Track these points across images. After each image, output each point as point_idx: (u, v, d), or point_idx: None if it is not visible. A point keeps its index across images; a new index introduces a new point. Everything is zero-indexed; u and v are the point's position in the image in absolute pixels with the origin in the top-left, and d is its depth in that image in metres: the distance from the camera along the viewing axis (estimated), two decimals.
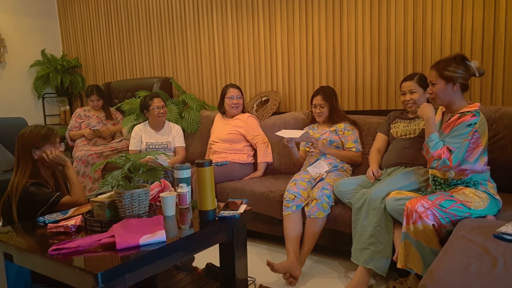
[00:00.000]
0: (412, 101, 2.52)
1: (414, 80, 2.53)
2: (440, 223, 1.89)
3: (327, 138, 2.83)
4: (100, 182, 1.76)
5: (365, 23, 3.16)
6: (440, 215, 1.88)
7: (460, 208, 1.92)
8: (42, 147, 2.08)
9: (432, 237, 1.87)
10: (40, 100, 5.26)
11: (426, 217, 1.87)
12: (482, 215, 1.96)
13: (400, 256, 1.95)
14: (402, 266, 1.95)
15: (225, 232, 1.84)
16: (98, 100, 4.09)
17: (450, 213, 1.90)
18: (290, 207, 2.48)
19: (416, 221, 1.88)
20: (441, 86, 2.08)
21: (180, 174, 1.92)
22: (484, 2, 2.69)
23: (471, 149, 2.00)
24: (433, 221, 1.87)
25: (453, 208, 1.91)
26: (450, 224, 1.90)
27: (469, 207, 1.93)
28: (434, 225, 1.87)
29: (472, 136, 1.98)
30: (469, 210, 1.93)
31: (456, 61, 2.07)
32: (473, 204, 1.95)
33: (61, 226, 1.69)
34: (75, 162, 3.82)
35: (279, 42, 3.61)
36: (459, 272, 1.29)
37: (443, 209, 1.90)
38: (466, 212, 1.92)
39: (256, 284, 2.31)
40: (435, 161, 2.00)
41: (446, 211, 1.89)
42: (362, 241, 2.17)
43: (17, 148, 2.07)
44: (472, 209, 1.93)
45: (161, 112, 3.40)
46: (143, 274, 1.49)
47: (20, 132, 2.10)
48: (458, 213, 1.91)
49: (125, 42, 4.78)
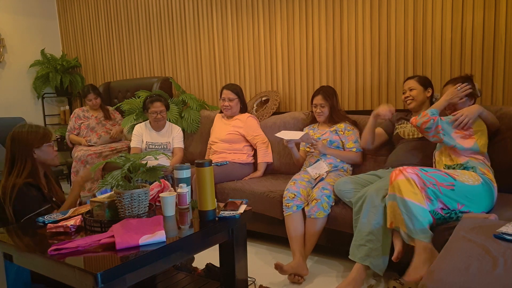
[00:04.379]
0: (411, 98, 2.60)
1: (414, 79, 2.62)
2: (421, 180, 1.97)
3: (327, 138, 2.83)
4: (100, 182, 1.75)
5: (365, 23, 3.15)
6: (422, 173, 2.00)
7: (444, 176, 2.02)
8: (41, 147, 2.08)
9: (416, 190, 1.96)
10: (40, 100, 5.25)
11: (406, 172, 1.99)
12: (468, 192, 2.01)
13: (389, 216, 2.04)
14: (390, 226, 2.04)
15: (225, 232, 1.84)
16: (95, 99, 4.08)
17: (432, 177, 2.00)
18: (290, 207, 2.47)
19: (397, 176, 2.00)
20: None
21: (180, 174, 1.91)
22: (484, 3, 2.69)
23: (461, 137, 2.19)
24: (414, 174, 1.97)
25: (436, 174, 2.03)
26: (434, 186, 1.97)
27: (454, 178, 2.02)
28: (415, 180, 1.95)
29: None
30: (454, 180, 2.01)
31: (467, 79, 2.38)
32: (460, 177, 2.03)
33: (61, 226, 1.69)
34: (74, 162, 3.82)
35: (279, 42, 3.60)
36: (460, 272, 1.29)
37: (425, 172, 2.02)
38: (449, 181, 2.00)
39: (256, 284, 2.31)
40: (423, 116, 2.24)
41: (427, 174, 2.01)
42: (360, 237, 2.17)
43: (14, 148, 2.04)
44: (457, 180, 2.01)
45: (158, 118, 3.38)
46: (143, 274, 1.49)
47: (14, 131, 2.05)
48: (440, 179, 2.00)
49: (125, 41, 4.78)
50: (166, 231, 1.58)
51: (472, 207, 2.02)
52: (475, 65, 2.77)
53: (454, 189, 1.99)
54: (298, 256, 2.36)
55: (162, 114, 3.40)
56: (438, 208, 2.01)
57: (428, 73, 2.88)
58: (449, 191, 1.99)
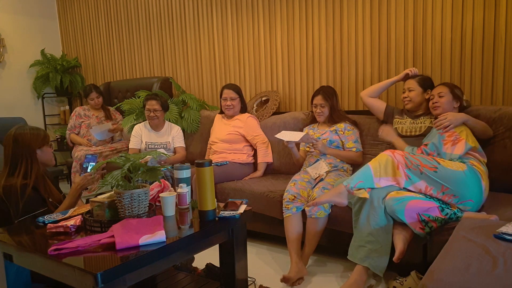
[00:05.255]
0: (408, 99, 2.62)
1: (415, 79, 2.62)
2: (405, 161, 2.10)
3: (327, 138, 2.83)
4: (100, 182, 1.75)
5: (365, 23, 3.15)
6: (409, 155, 2.13)
7: (430, 160, 2.12)
8: (42, 147, 2.12)
9: (388, 167, 2.11)
10: (40, 100, 5.25)
11: (393, 154, 2.13)
12: (451, 176, 2.07)
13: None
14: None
15: (225, 232, 1.84)
16: (97, 98, 4.08)
17: (417, 159, 2.11)
18: (290, 208, 2.47)
19: (384, 152, 2.17)
20: (448, 100, 2.42)
21: (180, 174, 1.91)
22: (484, 2, 2.69)
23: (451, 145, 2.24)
24: (400, 155, 2.11)
25: (421, 157, 2.14)
26: (416, 168, 2.09)
27: (439, 162, 2.12)
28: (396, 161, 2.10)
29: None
30: (437, 164, 2.10)
31: (458, 87, 2.48)
32: (445, 163, 2.12)
33: (61, 226, 1.69)
34: (74, 162, 3.82)
35: (279, 42, 3.60)
36: (459, 272, 1.29)
37: (412, 155, 2.14)
38: (433, 164, 2.10)
39: (256, 284, 2.31)
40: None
41: (414, 156, 2.13)
42: (359, 238, 2.17)
43: (17, 148, 2.05)
44: (440, 164, 2.11)
45: (152, 115, 3.37)
46: (143, 274, 1.49)
47: (14, 133, 2.07)
48: (424, 161, 2.11)
49: (125, 41, 4.78)
50: (166, 231, 1.58)
51: (457, 192, 2.08)
52: (475, 65, 2.77)
53: (436, 171, 2.09)
54: (295, 258, 2.37)
55: (156, 113, 3.38)
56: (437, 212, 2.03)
57: (428, 73, 2.88)
58: (432, 172, 2.09)
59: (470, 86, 2.81)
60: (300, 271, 2.34)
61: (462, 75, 2.83)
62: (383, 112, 2.81)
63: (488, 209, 2.11)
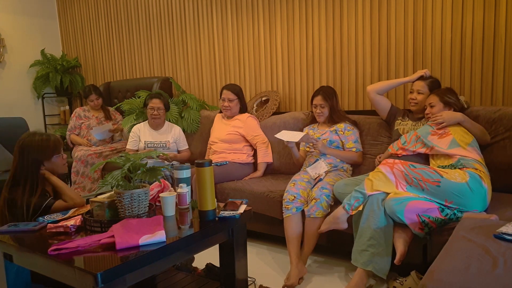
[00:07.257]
0: (415, 101, 2.59)
1: (425, 82, 2.59)
2: (405, 178, 2.06)
3: (327, 138, 2.83)
4: (100, 182, 1.75)
5: (365, 23, 3.15)
6: (410, 169, 2.07)
7: (431, 173, 2.06)
8: (51, 159, 2.05)
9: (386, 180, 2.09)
10: (40, 100, 5.25)
11: (393, 167, 2.10)
12: (454, 189, 2.03)
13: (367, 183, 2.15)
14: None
15: (225, 232, 1.84)
16: (97, 99, 4.08)
17: (418, 173, 2.05)
18: (290, 209, 2.47)
19: (381, 166, 2.14)
20: (439, 109, 2.40)
21: (180, 174, 1.91)
22: (484, 2, 2.69)
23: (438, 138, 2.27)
24: (399, 171, 2.07)
25: (423, 170, 2.07)
26: (417, 183, 2.04)
27: (442, 175, 2.05)
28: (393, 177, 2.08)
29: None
30: (440, 177, 2.04)
31: (450, 91, 2.45)
32: (448, 175, 2.06)
33: (61, 226, 1.69)
34: (75, 162, 3.81)
35: (279, 42, 3.60)
36: (459, 272, 1.29)
37: (413, 168, 2.07)
38: (436, 177, 2.04)
39: (256, 284, 2.31)
40: None
41: (415, 170, 2.06)
42: (361, 243, 2.16)
43: (22, 162, 1.98)
44: (444, 177, 2.04)
45: (155, 114, 3.39)
46: (143, 274, 1.49)
47: (22, 143, 2.00)
48: (426, 175, 2.05)
49: (125, 41, 4.78)
50: (166, 231, 1.58)
51: (462, 204, 2.05)
52: (475, 65, 2.77)
53: (440, 185, 2.04)
54: (294, 258, 2.37)
55: (159, 111, 3.41)
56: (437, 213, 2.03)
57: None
58: (435, 187, 2.05)
59: (470, 86, 2.81)
60: (299, 272, 2.34)
61: (462, 75, 2.82)
62: (388, 112, 2.80)
63: (488, 209, 2.11)
